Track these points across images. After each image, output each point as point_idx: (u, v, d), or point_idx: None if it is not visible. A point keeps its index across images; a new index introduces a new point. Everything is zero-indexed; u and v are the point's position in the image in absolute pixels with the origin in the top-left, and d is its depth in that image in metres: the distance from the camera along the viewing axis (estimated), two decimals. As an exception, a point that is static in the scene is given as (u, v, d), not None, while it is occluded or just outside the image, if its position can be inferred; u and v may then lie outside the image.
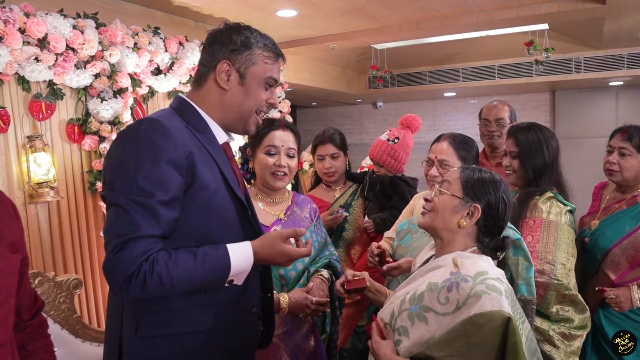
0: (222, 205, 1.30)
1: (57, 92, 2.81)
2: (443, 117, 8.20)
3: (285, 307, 1.76)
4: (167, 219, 1.18)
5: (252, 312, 1.42)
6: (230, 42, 1.33)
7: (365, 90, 7.23)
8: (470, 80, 6.49)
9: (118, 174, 1.19)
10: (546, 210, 1.85)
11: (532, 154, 1.94)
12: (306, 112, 9.42)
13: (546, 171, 1.94)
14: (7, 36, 2.45)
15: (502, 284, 1.23)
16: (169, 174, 1.18)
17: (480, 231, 1.36)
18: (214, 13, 3.77)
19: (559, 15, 3.84)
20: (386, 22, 4.27)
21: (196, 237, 1.26)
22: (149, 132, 1.20)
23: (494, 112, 2.80)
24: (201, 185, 1.25)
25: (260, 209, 1.87)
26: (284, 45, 4.87)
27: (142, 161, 1.17)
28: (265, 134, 1.84)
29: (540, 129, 2.00)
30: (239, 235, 1.34)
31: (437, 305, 1.24)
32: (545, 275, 1.74)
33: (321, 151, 2.52)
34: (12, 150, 2.67)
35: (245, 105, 1.36)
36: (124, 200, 1.15)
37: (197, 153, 1.25)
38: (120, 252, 1.13)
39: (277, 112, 4.61)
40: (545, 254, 1.77)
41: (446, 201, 1.37)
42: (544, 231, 1.81)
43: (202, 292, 1.26)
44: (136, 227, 1.14)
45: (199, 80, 1.38)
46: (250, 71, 1.35)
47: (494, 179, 1.38)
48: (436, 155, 1.95)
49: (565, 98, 7.12)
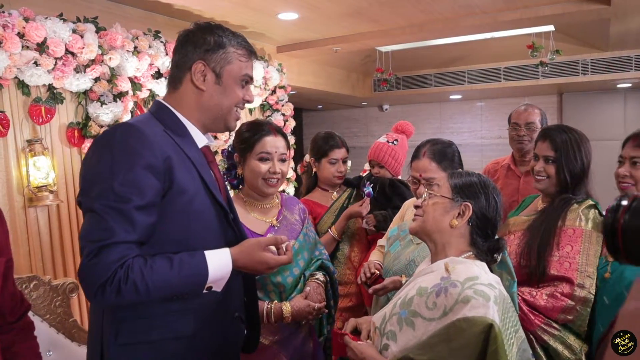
0: (202, 210, 1.29)
1: (57, 96, 2.82)
2: (449, 119, 8.15)
3: (289, 317, 1.75)
4: (143, 225, 1.17)
5: (234, 316, 1.40)
6: (204, 42, 1.33)
7: (371, 93, 7.21)
8: (476, 82, 6.45)
9: (94, 179, 1.18)
10: (587, 219, 1.73)
11: (571, 158, 1.80)
12: (312, 115, 9.42)
13: (583, 177, 1.81)
14: (6, 41, 2.47)
15: (493, 289, 1.21)
16: (145, 178, 1.17)
17: (473, 232, 1.35)
18: (215, 17, 3.77)
19: (564, 17, 3.80)
20: (388, 25, 4.25)
21: (175, 243, 1.24)
22: (125, 137, 1.20)
23: (524, 116, 2.73)
24: (179, 189, 1.23)
25: (251, 218, 1.86)
26: (287, 49, 4.88)
27: (118, 166, 1.16)
28: (257, 140, 1.82)
29: (575, 131, 1.86)
30: (219, 240, 1.33)
31: (424, 310, 1.23)
32: (585, 290, 1.63)
33: (336, 155, 2.56)
34: (12, 154, 2.68)
35: (223, 104, 1.36)
36: (99, 206, 1.14)
37: (174, 157, 1.24)
38: (95, 259, 1.12)
39: (280, 116, 4.61)
40: (586, 267, 1.66)
41: (436, 203, 1.37)
42: (585, 242, 1.70)
43: (182, 298, 1.25)
44: (111, 233, 1.12)
45: (174, 83, 1.37)
46: (226, 70, 1.34)
47: (482, 180, 1.39)
48: (420, 173, 1.90)
49: (572, 100, 7.04)
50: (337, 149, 2.56)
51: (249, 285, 1.52)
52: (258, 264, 1.31)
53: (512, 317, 1.25)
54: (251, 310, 1.54)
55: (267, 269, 1.35)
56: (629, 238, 0.70)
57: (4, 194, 2.66)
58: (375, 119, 8.81)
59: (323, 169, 2.58)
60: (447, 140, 1.98)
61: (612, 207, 0.74)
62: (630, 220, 0.70)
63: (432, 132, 8.17)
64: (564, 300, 1.64)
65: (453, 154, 1.93)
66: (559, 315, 1.63)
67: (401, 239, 1.95)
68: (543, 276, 1.70)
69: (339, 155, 2.56)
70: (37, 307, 2.08)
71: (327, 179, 2.60)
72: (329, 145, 2.57)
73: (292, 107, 4.72)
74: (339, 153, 2.56)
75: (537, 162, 1.89)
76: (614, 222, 0.72)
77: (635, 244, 0.70)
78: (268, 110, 4.58)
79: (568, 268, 1.67)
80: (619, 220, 0.71)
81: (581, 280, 1.65)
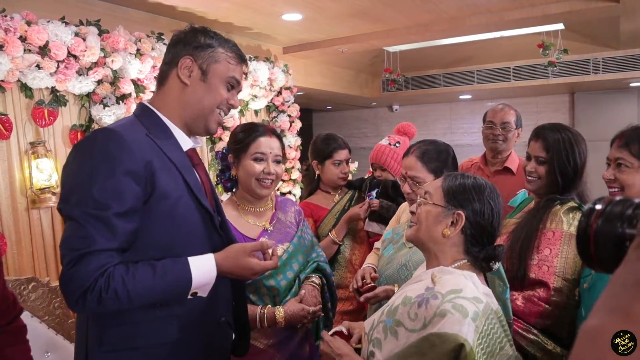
0: (185, 215, 1.27)
1: (60, 99, 2.84)
2: (459, 120, 8.09)
3: (282, 321, 1.74)
4: (123, 232, 1.15)
5: (221, 321, 1.39)
6: (195, 40, 1.33)
7: (379, 94, 7.17)
8: (485, 82, 6.38)
9: (73, 186, 1.17)
10: (568, 222, 1.66)
11: (563, 159, 1.72)
12: (321, 116, 9.41)
13: (576, 178, 1.74)
14: (8, 44, 2.49)
15: (475, 304, 1.15)
16: (125, 185, 1.15)
17: (467, 241, 1.29)
18: (219, 18, 3.77)
19: (572, 15, 3.74)
20: (394, 25, 4.22)
21: (159, 248, 1.23)
22: (105, 143, 1.18)
23: (500, 115, 2.73)
24: (162, 194, 1.22)
25: (244, 221, 1.85)
26: (293, 49, 4.87)
27: (97, 173, 1.15)
28: (252, 140, 1.80)
29: (569, 130, 1.78)
30: (204, 245, 1.31)
31: (407, 320, 1.20)
32: (563, 294, 1.59)
33: (339, 156, 2.54)
34: (15, 157, 2.70)
35: (204, 101, 1.34)
36: (79, 213, 1.13)
37: (156, 162, 1.22)
38: (75, 267, 1.11)
39: (286, 117, 4.60)
40: (565, 270, 1.61)
41: (428, 211, 1.32)
42: (564, 244, 1.63)
43: (165, 305, 1.24)
44: (91, 241, 1.11)
45: (162, 80, 1.36)
46: (212, 68, 1.33)
47: (477, 184, 1.31)
48: (406, 171, 1.87)
49: (584, 100, 6.94)
50: (341, 150, 2.55)
51: (237, 289, 1.50)
52: (243, 269, 1.30)
53: (497, 334, 1.18)
54: (240, 314, 1.53)
55: (252, 275, 1.33)
56: (601, 244, 0.66)
57: (8, 195, 2.69)
58: (385, 120, 8.77)
59: (327, 171, 2.57)
60: (442, 142, 1.94)
61: (585, 212, 0.70)
62: (602, 226, 0.67)
63: (442, 133, 8.12)
64: (541, 304, 1.59)
65: (446, 154, 1.89)
66: (537, 320, 1.58)
67: (394, 242, 1.92)
68: (524, 280, 1.65)
69: (343, 157, 2.55)
70: (36, 309, 2.10)
71: (331, 181, 2.59)
72: (332, 147, 2.56)
73: (298, 108, 4.71)
74: (343, 154, 2.55)
75: (528, 162, 1.83)
76: (587, 227, 0.68)
77: (607, 250, 0.66)
78: (274, 111, 4.57)
79: (546, 272, 1.62)
80: (591, 226, 0.68)
81: (558, 284, 1.60)
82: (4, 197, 2.67)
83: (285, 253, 1.84)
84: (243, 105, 4.17)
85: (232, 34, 4.30)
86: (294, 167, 4.67)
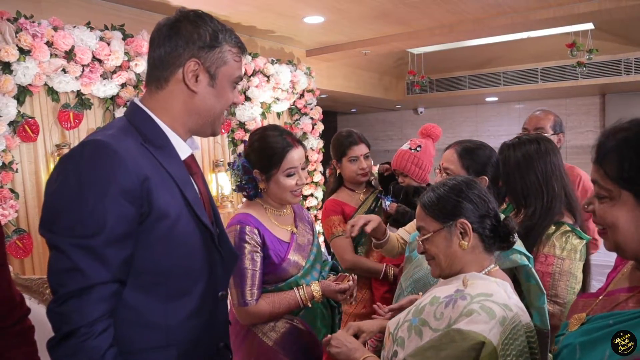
0: (185, 234, 1.16)
1: (85, 102, 2.91)
2: (486, 122, 7.97)
3: (319, 296, 1.80)
4: (116, 261, 1.03)
5: (219, 347, 1.32)
6: (198, 38, 1.16)
7: (404, 96, 7.12)
8: (512, 84, 6.27)
9: (57, 210, 1.02)
10: (560, 247, 1.65)
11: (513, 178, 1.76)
12: (346, 119, 9.40)
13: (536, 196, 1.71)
14: (35, 49, 2.56)
15: (504, 310, 1.11)
16: (118, 207, 1.02)
17: (484, 237, 1.26)
18: (241, 22, 3.80)
19: (601, 14, 3.64)
20: (417, 27, 4.18)
21: (156, 272, 1.13)
22: (94, 158, 1.03)
23: (534, 120, 2.67)
24: (160, 214, 1.09)
25: (275, 226, 1.85)
26: (316, 52, 4.87)
27: (85, 194, 1.01)
28: (283, 157, 1.76)
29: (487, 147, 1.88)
30: (204, 266, 1.22)
31: (432, 320, 1.17)
32: (555, 318, 1.58)
33: (355, 152, 2.49)
34: (41, 159, 2.78)
35: (216, 108, 1.22)
36: (65, 244, 1.00)
37: (153, 177, 1.09)
38: (63, 306, 1.00)
39: (308, 119, 4.60)
40: (555, 294, 1.62)
41: (432, 241, 1.28)
42: (556, 269, 1.63)
43: (165, 332, 1.16)
44: (81, 277, 0.99)
45: (158, 82, 1.18)
46: (221, 71, 1.19)
47: (455, 186, 1.28)
48: (443, 162, 1.92)
49: (616, 102, 6.74)
50: (355, 145, 2.48)
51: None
52: None
53: (520, 346, 1.12)
54: None
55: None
56: None
57: (34, 196, 2.76)
58: (411, 122, 8.71)
59: (345, 169, 2.54)
60: (489, 147, 1.94)
61: None
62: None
63: (468, 135, 8.00)
64: None
65: (481, 155, 1.88)
66: None
67: None
68: None
69: (359, 152, 2.47)
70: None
71: (351, 178, 2.55)
72: (346, 144, 2.52)
73: (321, 110, 4.71)
74: (358, 150, 2.48)
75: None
76: None
77: None
78: (296, 114, 4.58)
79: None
80: None
81: (550, 308, 1.58)
82: (30, 197, 2.74)
83: (311, 254, 1.88)
84: (265, 108, 4.19)
85: (254, 37, 4.34)
86: (316, 170, 4.67)
